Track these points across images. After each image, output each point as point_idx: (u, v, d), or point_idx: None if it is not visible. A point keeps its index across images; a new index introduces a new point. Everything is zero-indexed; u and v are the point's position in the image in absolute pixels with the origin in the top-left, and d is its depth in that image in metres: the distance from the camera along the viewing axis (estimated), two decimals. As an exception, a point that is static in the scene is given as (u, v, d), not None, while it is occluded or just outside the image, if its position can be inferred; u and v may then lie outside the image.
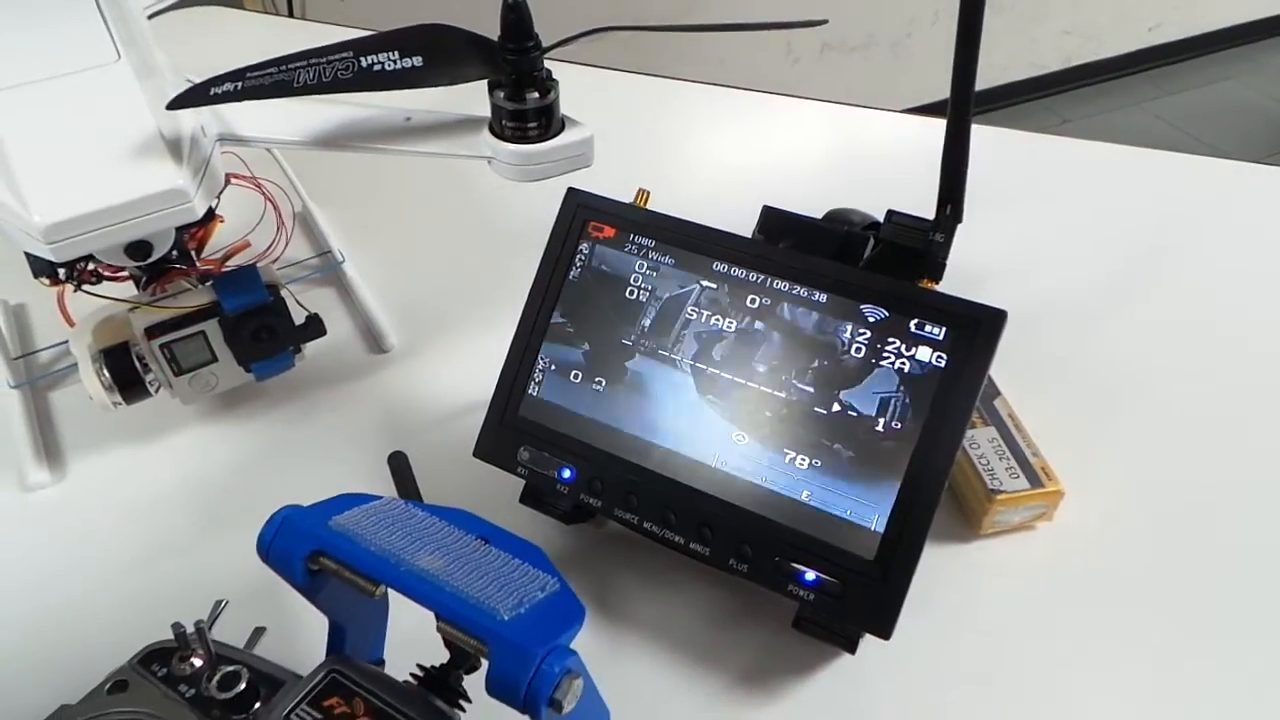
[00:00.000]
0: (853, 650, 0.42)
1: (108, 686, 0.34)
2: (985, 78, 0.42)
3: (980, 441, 0.49)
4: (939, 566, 0.46)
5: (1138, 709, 0.42)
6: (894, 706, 0.42)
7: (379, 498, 0.35)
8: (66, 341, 0.58)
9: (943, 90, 0.43)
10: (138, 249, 0.44)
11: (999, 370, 0.51)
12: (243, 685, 0.33)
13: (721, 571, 0.43)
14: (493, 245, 0.67)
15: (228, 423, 0.56)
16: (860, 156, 0.76)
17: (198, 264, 0.56)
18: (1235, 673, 0.43)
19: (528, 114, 0.46)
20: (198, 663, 0.34)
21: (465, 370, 0.56)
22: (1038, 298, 0.61)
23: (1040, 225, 0.68)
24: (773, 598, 0.44)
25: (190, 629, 0.34)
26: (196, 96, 0.42)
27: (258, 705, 0.33)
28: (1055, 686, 0.42)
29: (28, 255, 0.48)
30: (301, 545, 0.31)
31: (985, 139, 0.46)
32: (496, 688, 0.29)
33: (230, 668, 0.33)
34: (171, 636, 0.35)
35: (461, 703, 0.34)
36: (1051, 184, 0.72)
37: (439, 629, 0.31)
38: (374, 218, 0.71)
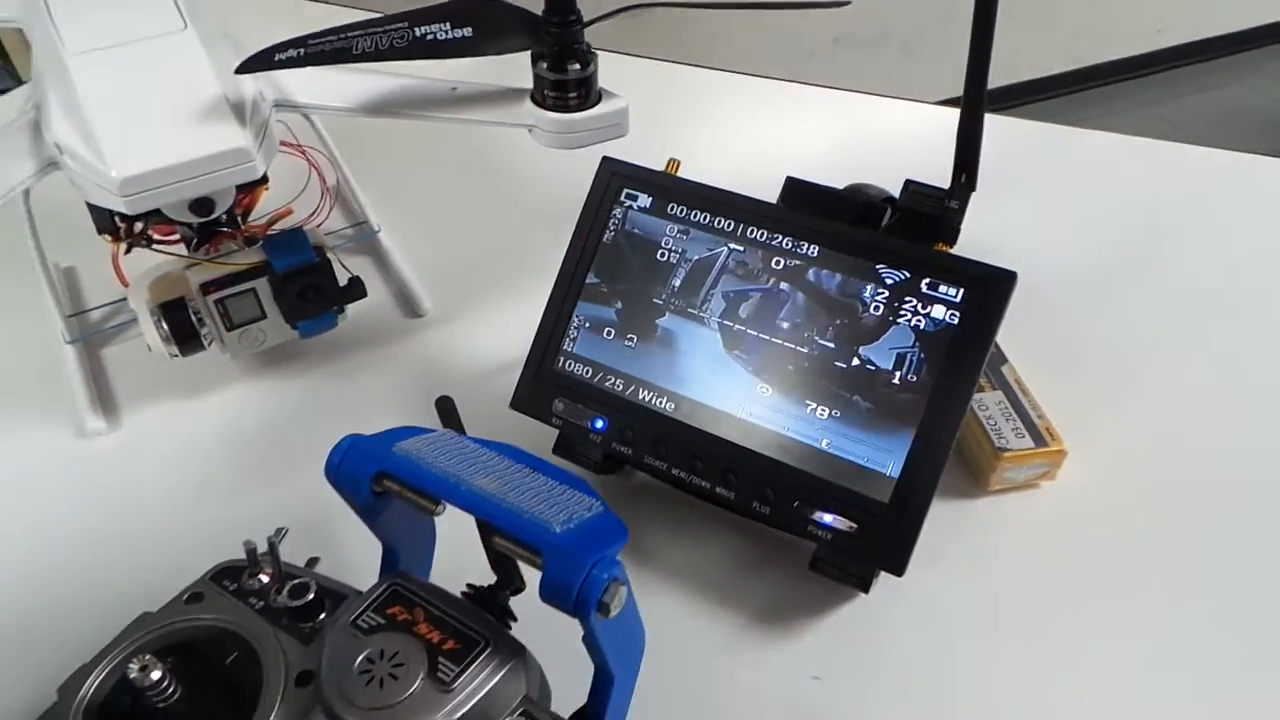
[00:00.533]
0: (866, 589, 0.45)
1: (185, 598, 0.36)
2: (991, 79, 0.44)
3: (988, 404, 0.52)
4: (949, 521, 0.48)
5: (1132, 656, 0.44)
6: (904, 641, 0.45)
7: (433, 430, 0.38)
8: (116, 300, 0.61)
9: (953, 88, 0.45)
10: (201, 205, 0.47)
11: (1007, 341, 0.54)
12: (311, 595, 0.35)
13: (744, 517, 0.46)
14: (523, 218, 0.70)
15: (272, 379, 0.58)
16: (875, 139, 0.79)
17: (244, 228, 0.58)
18: (1229, 627, 0.45)
19: (569, 84, 0.49)
20: (265, 579, 0.37)
21: (498, 334, 0.59)
22: (1047, 275, 0.63)
23: (1049, 209, 0.70)
24: (791, 545, 0.46)
25: (262, 547, 0.37)
26: (262, 61, 0.45)
27: (323, 615, 0.36)
28: (1054, 628, 0.45)
29: (92, 211, 0.51)
30: (369, 467, 0.34)
31: (999, 126, 0.48)
32: (549, 592, 0.31)
33: (298, 580, 0.36)
34: (241, 556, 0.38)
35: (509, 620, 0.37)
36: (1062, 171, 0.75)
37: (495, 544, 0.33)
38: (409, 190, 0.74)
